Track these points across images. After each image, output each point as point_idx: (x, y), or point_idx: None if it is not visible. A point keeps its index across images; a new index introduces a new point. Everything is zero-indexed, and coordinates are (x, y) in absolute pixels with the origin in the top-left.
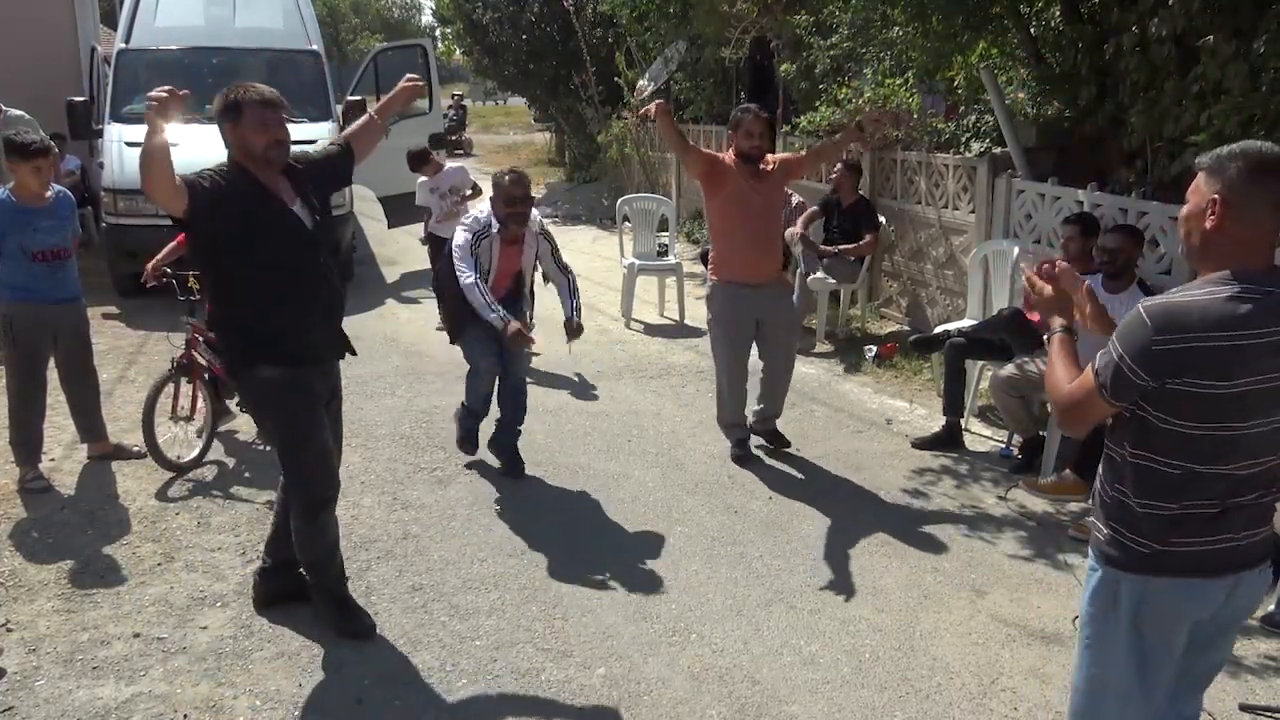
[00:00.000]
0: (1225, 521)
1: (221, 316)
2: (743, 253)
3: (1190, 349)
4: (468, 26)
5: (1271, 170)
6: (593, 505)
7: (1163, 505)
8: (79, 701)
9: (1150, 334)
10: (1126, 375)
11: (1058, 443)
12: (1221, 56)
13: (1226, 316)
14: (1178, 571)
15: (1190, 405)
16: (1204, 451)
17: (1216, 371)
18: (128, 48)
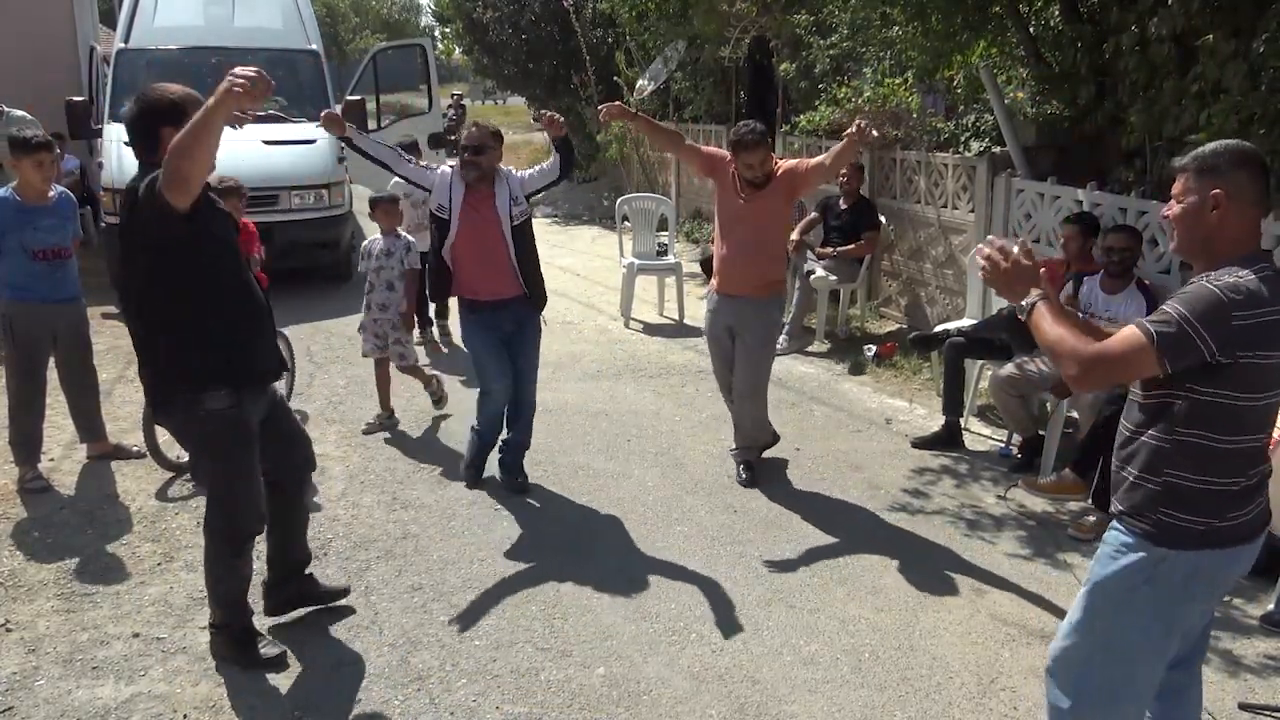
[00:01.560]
0: (1259, 488)
1: (174, 335)
2: (724, 260)
3: (1263, 323)
4: (467, 26)
5: (1255, 164)
6: (592, 505)
7: (1221, 481)
8: (79, 701)
9: (1230, 308)
10: (1193, 341)
11: (1057, 442)
12: (1221, 56)
13: (1275, 293)
14: (1230, 542)
15: (1255, 377)
16: (1255, 423)
17: (1275, 343)
18: (127, 47)
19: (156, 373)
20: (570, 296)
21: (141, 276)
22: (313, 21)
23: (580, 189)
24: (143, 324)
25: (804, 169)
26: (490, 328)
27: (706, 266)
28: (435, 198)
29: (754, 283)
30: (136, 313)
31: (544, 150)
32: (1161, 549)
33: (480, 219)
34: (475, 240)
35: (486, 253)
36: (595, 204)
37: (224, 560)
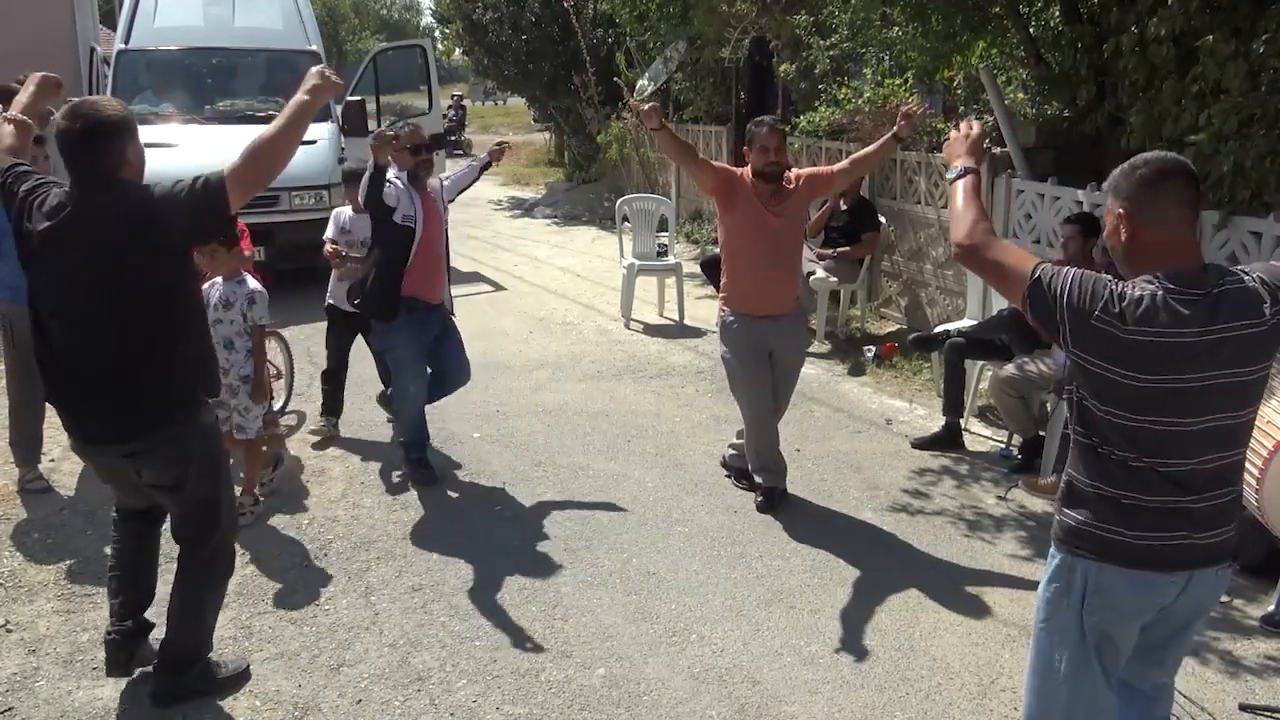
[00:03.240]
0: (1178, 516)
1: (178, 352)
2: (758, 282)
3: (1131, 340)
4: (467, 26)
5: (1166, 173)
6: (592, 506)
7: (1107, 489)
8: (79, 702)
9: (1101, 307)
10: (1055, 306)
11: (1057, 443)
12: (1220, 56)
13: (1170, 317)
14: (1135, 563)
15: (1128, 394)
16: (1155, 446)
17: (1150, 365)
18: (127, 48)
19: (156, 392)
20: (570, 297)
21: (151, 288)
22: (313, 22)
23: (580, 190)
24: (141, 340)
25: (827, 174)
26: (424, 329)
27: (706, 267)
28: (401, 209)
29: (789, 298)
30: (130, 328)
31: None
32: (1068, 556)
33: (433, 221)
34: (432, 243)
35: (436, 254)
36: (595, 205)
37: (223, 583)
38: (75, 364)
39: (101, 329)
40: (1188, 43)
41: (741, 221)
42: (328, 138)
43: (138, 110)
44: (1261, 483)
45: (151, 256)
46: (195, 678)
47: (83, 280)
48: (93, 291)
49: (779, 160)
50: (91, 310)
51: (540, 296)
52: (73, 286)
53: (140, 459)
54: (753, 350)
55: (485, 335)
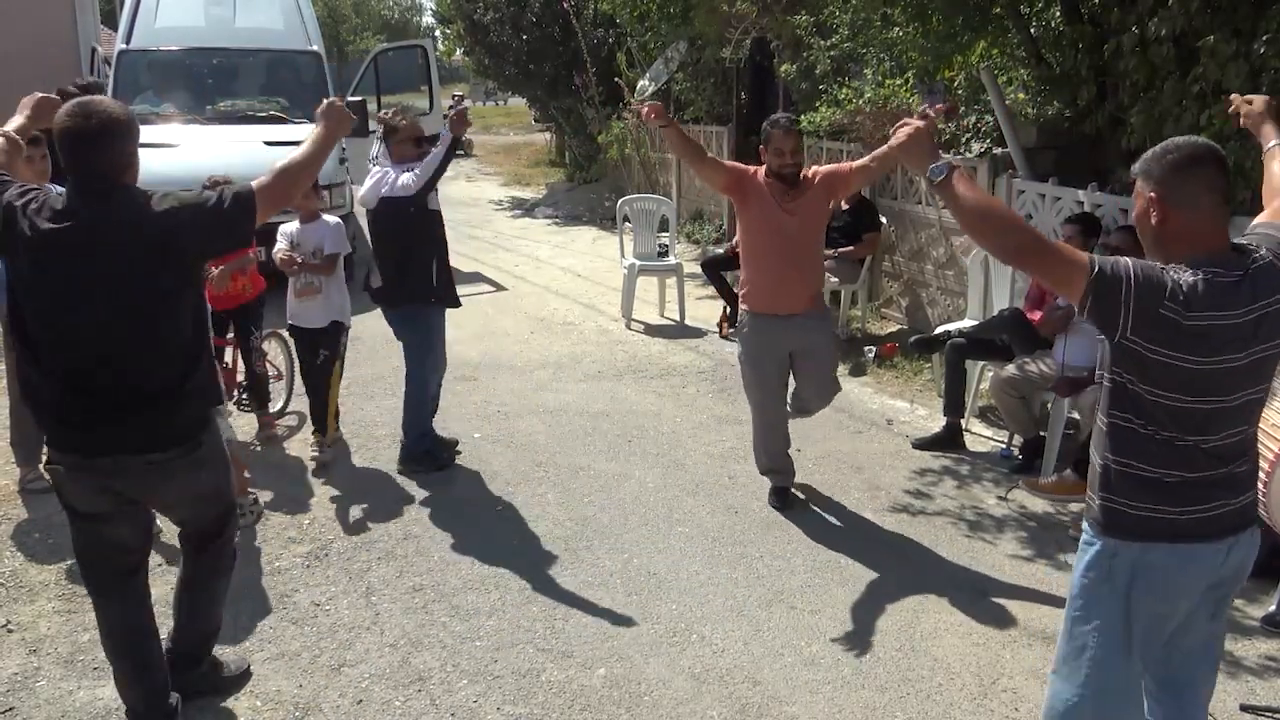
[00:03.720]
0: (1217, 485)
1: (205, 358)
2: (772, 281)
3: (1191, 326)
4: (468, 27)
5: (1198, 158)
6: (593, 506)
7: (1152, 469)
8: (80, 702)
9: (1168, 297)
10: (1120, 297)
11: (1058, 443)
12: (1221, 57)
13: (1217, 300)
14: (1181, 537)
15: (1181, 377)
16: (1198, 424)
17: (1201, 348)
18: (128, 48)
19: (178, 405)
20: (571, 297)
21: (169, 297)
22: (314, 22)
23: (581, 190)
24: (160, 350)
25: (845, 172)
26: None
27: (707, 268)
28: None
29: (808, 297)
30: (150, 338)
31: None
32: (1111, 540)
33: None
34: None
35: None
36: (596, 205)
37: (231, 573)
38: (85, 376)
39: (117, 340)
40: (1188, 43)
41: (755, 220)
42: None
43: (139, 110)
44: (1269, 485)
45: (172, 266)
46: (205, 674)
47: (97, 288)
48: (109, 301)
49: (795, 162)
50: (107, 320)
51: (541, 297)
52: (84, 295)
53: (168, 468)
54: (765, 349)
55: (486, 335)
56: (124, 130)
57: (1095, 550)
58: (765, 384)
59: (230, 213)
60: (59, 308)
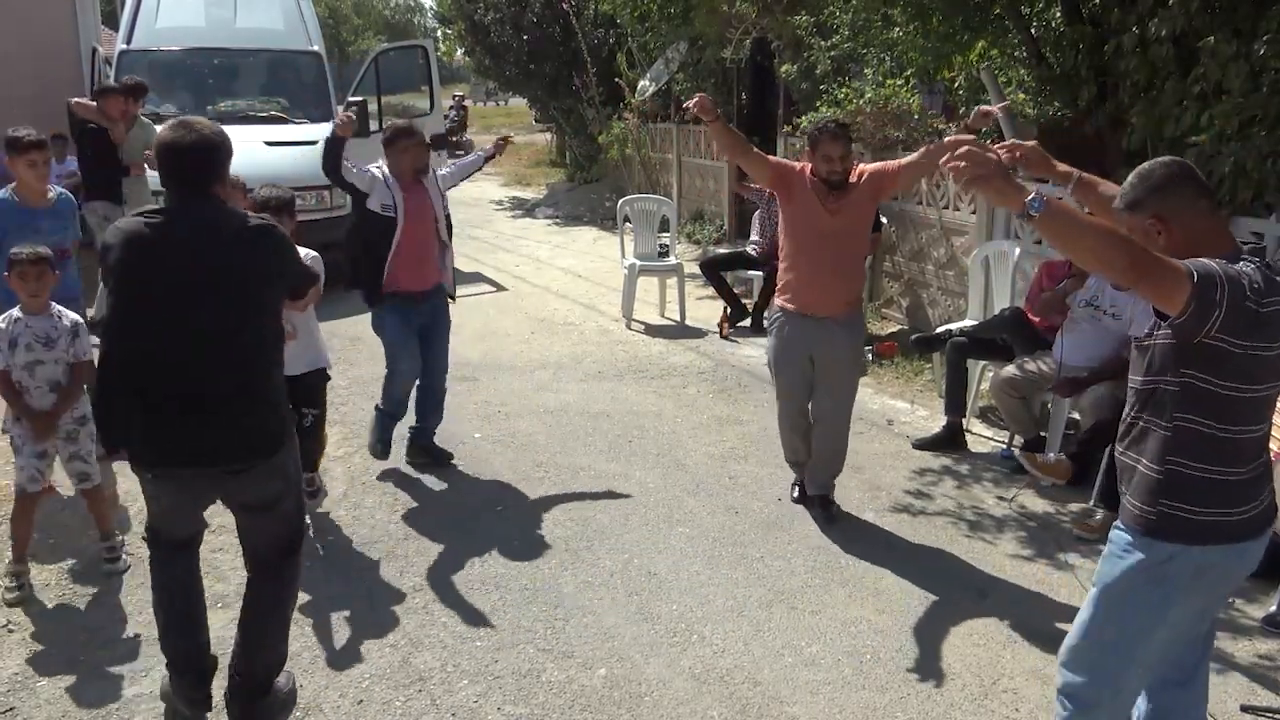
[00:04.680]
0: (1259, 482)
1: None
2: (810, 282)
3: (1265, 313)
4: (469, 27)
5: (1175, 174)
6: (594, 506)
7: (1220, 470)
8: (81, 703)
9: (1247, 288)
10: (1215, 297)
11: (1059, 442)
12: (1222, 57)
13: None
14: (1238, 537)
15: (1249, 367)
16: (1250, 414)
17: (1266, 335)
18: (129, 49)
19: (274, 408)
20: (571, 298)
21: (271, 306)
22: (314, 23)
23: (582, 190)
24: (261, 356)
25: (892, 170)
26: (409, 316)
27: (707, 268)
28: (377, 198)
29: (842, 301)
30: (254, 344)
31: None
32: (1167, 544)
33: (421, 213)
34: (418, 234)
35: (424, 245)
36: (596, 205)
37: (294, 596)
38: (194, 380)
39: (231, 344)
40: (1189, 43)
41: (798, 219)
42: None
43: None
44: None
45: (273, 277)
46: (270, 702)
47: (213, 294)
48: (228, 308)
49: (843, 169)
50: (221, 324)
51: (541, 297)
52: (203, 299)
53: (244, 478)
54: (789, 347)
55: (487, 336)
56: (223, 147)
57: (1143, 557)
58: (788, 384)
59: (300, 267)
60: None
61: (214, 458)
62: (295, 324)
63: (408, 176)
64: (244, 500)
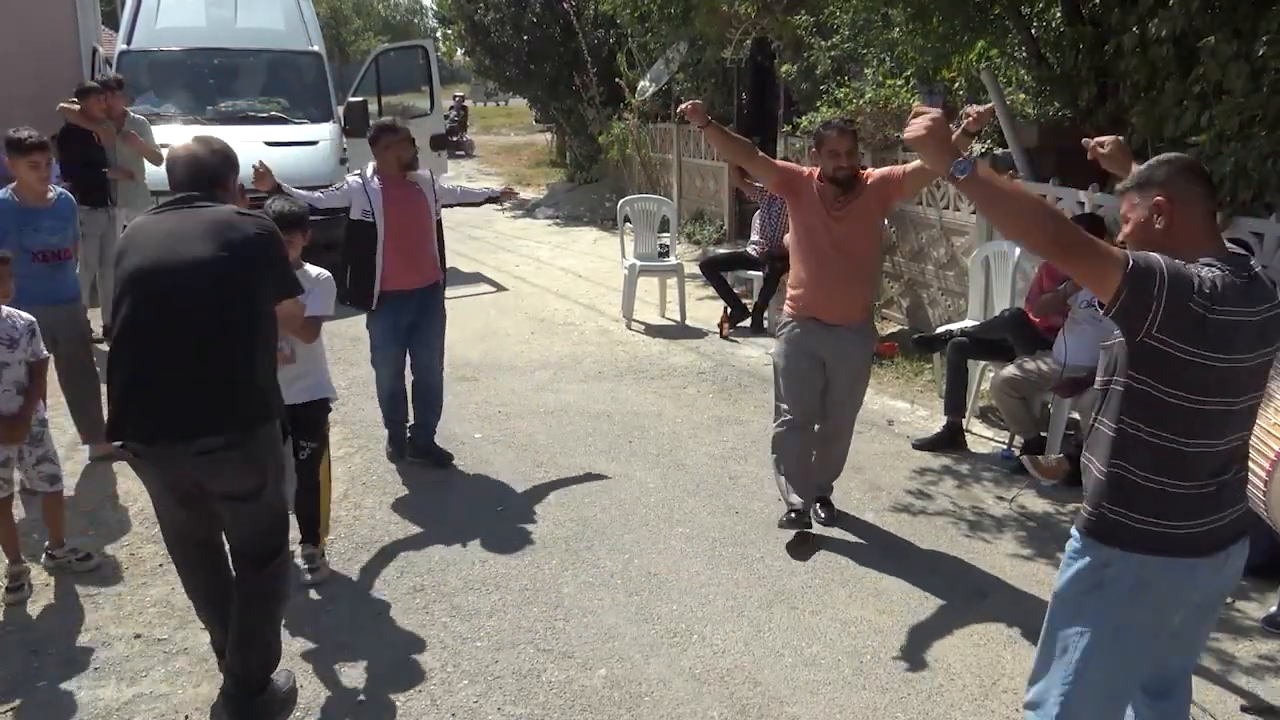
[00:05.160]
0: (1219, 497)
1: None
2: (817, 289)
3: (1217, 321)
4: (469, 27)
5: (1191, 166)
6: (594, 506)
7: (1166, 480)
8: (81, 702)
9: (1194, 291)
10: (1152, 293)
11: (1059, 442)
12: (1222, 57)
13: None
14: (1182, 552)
15: (1200, 376)
16: (1209, 428)
17: (1223, 345)
18: (129, 49)
19: (245, 393)
20: (572, 298)
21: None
22: (315, 23)
23: (582, 190)
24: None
25: (899, 175)
26: (399, 314)
27: (707, 269)
28: (357, 206)
29: (851, 308)
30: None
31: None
32: (1105, 549)
33: (409, 209)
34: (405, 231)
35: (415, 242)
36: (597, 205)
37: (285, 594)
38: (167, 353)
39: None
40: (1189, 44)
41: (804, 225)
42: (329, 138)
43: (140, 111)
44: (1269, 485)
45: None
46: (266, 701)
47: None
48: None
49: (850, 165)
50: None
51: (542, 297)
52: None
53: (217, 464)
54: (800, 358)
55: (487, 336)
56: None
57: (1087, 560)
58: (798, 389)
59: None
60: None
61: (178, 429)
62: (296, 350)
63: (395, 172)
64: (221, 490)
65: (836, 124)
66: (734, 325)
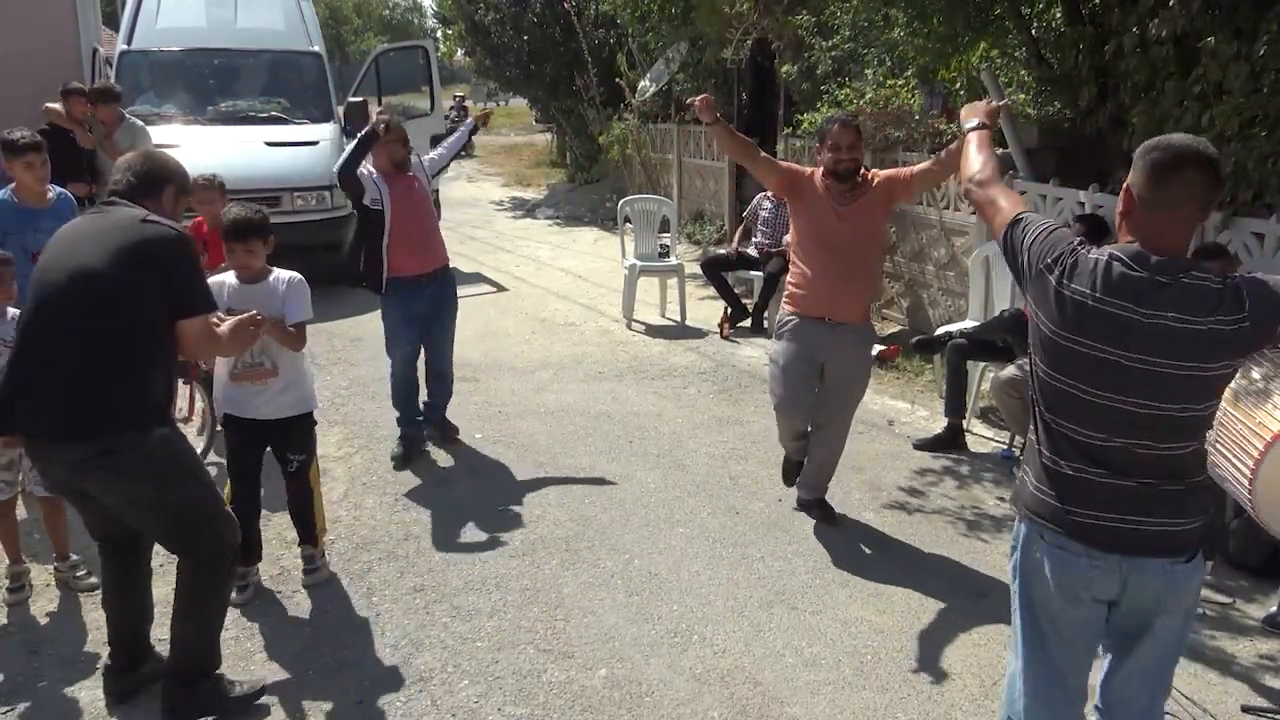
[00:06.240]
0: (1121, 496)
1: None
2: (819, 287)
3: (1072, 300)
4: (469, 27)
5: (1180, 163)
6: (594, 506)
7: (1044, 451)
8: (81, 703)
9: (1061, 261)
10: (1020, 245)
11: None
12: (1222, 57)
13: (1119, 289)
14: (1074, 533)
15: (1064, 354)
16: (1090, 416)
17: (1087, 329)
18: (130, 49)
19: (110, 403)
20: (572, 298)
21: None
22: (315, 23)
23: (582, 190)
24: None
25: (906, 176)
26: (411, 301)
27: (708, 268)
28: (369, 194)
29: (852, 307)
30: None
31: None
32: (1017, 521)
33: (413, 199)
34: (413, 220)
35: (423, 229)
36: (597, 206)
37: (224, 587)
38: (48, 355)
39: (89, 328)
40: (1189, 44)
41: (807, 223)
42: (329, 138)
43: (140, 111)
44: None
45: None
46: (206, 694)
47: (84, 281)
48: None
49: (852, 158)
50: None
51: (542, 297)
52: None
53: (86, 468)
54: (796, 351)
55: (487, 336)
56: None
57: (1015, 525)
58: (796, 388)
59: (196, 286)
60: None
61: (40, 427)
62: (279, 362)
63: (387, 169)
64: (103, 494)
65: (840, 118)
66: (734, 325)
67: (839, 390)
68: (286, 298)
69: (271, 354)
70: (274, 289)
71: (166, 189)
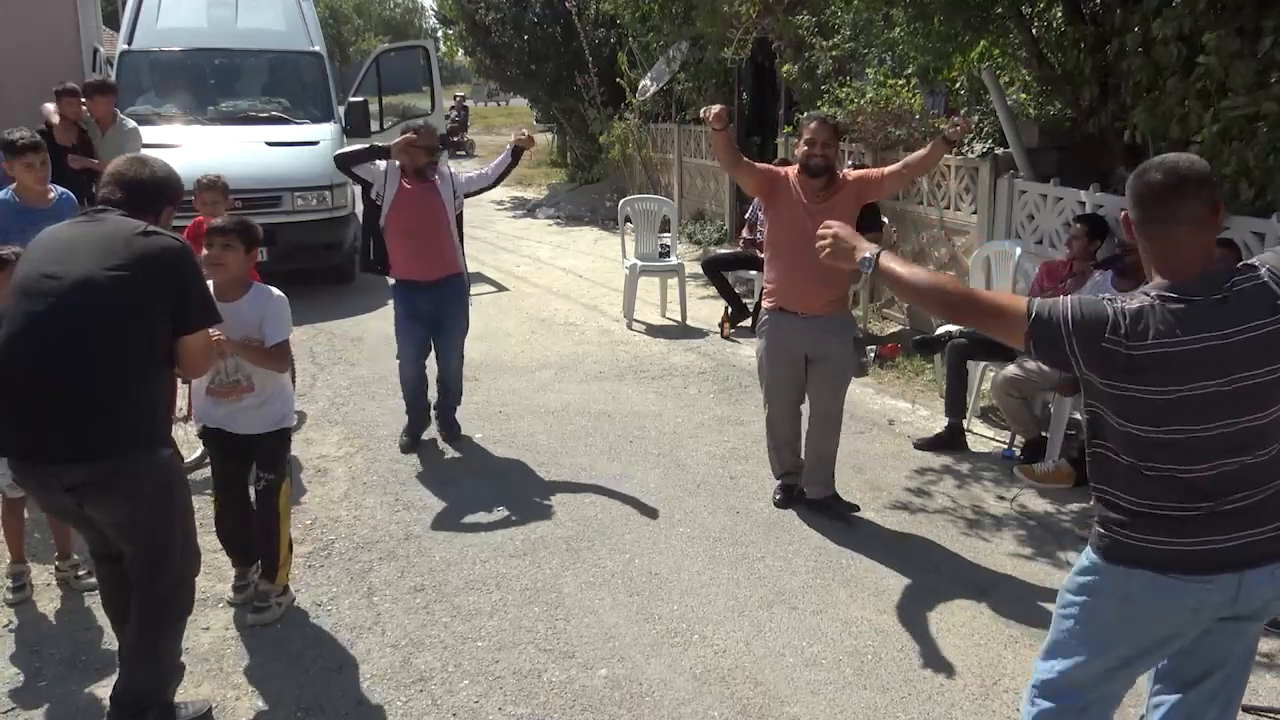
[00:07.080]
0: (1212, 520)
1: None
2: (793, 281)
3: (1147, 355)
4: (470, 27)
5: (1176, 185)
6: (595, 506)
7: (1135, 500)
8: (82, 703)
9: (1108, 330)
10: (1061, 344)
11: (1060, 442)
12: (1226, 56)
13: (1177, 325)
14: (1169, 568)
15: (1141, 408)
16: (1174, 454)
17: (1160, 376)
18: (130, 49)
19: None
20: (572, 298)
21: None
22: (316, 23)
23: (583, 190)
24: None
25: (876, 176)
26: (413, 300)
27: (708, 268)
28: (375, 188)
29: (825, 301)
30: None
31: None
32: (1100, 561)
33: (419, 206)
34: (411, 225)
35: (421, 239)
36: (597, 205)
37: (180, 620)
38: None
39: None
40: (1192, 42)
41: (781, 219)
42: (330, 138)
43: (141, 111)
44: None
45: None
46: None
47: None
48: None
49: (824, 155)
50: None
51: (543, 297)
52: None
53: (82, 492)
54: (781, 348)
55: (488, 336)
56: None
57: (1085, 564)
58: (775, 381)
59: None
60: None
61: (34, 453)
62: (255, 379)
63: (409, 174)
64: (93, 514)
65: (816, 115)
66: (735, 325)
67: (824, 379)
68: (264, 317)
69: (246, 370)
70: (248, 309)
71: (165, 210)
